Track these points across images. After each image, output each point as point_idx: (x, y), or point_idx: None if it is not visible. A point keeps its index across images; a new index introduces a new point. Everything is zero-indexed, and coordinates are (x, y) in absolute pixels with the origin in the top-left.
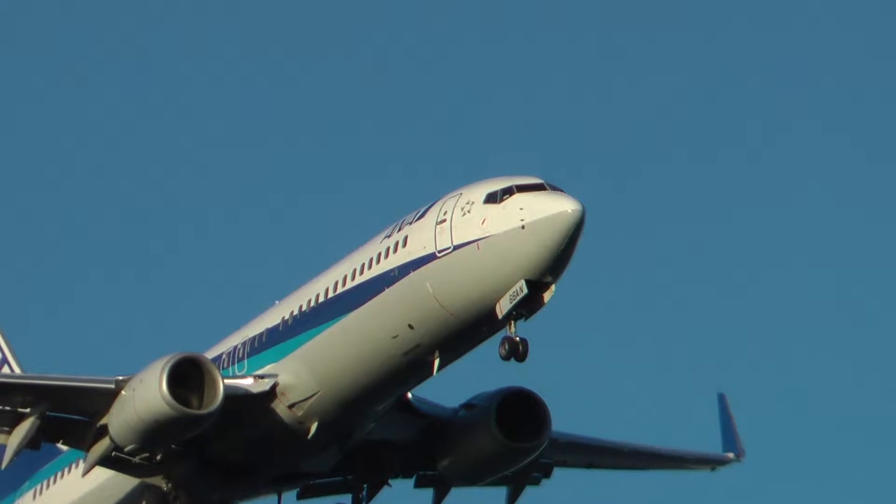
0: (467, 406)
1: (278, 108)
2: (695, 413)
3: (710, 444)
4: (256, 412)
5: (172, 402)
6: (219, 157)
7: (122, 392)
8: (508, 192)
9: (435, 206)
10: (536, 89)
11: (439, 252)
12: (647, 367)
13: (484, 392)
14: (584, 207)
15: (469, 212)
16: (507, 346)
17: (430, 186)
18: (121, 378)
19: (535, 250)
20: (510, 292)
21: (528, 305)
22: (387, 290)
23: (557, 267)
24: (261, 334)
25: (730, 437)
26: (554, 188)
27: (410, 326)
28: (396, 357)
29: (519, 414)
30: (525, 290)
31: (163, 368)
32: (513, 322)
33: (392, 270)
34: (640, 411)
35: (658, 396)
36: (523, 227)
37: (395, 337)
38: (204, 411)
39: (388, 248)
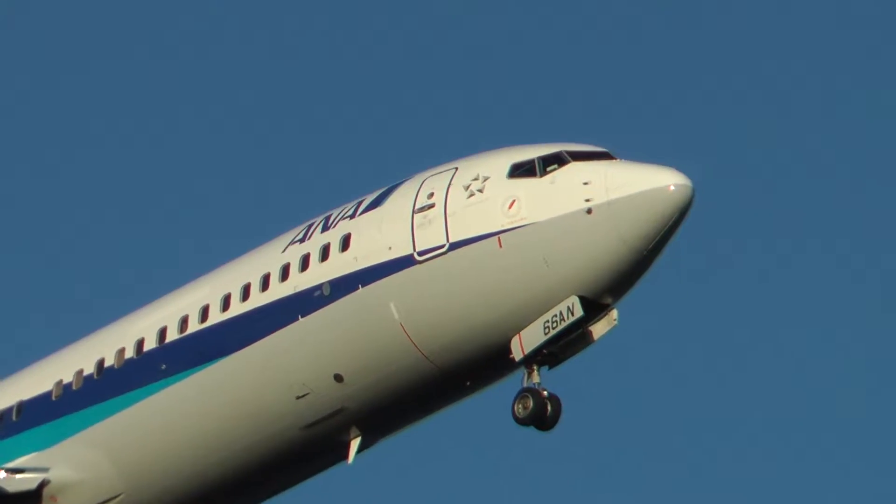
0: None
1: None
2: None
3: None
4: None
5: None
6: None
7: None
8: (557, 159)
9: (403, 188)
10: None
11: (420, 254)
12: None
13: None
14: (692, 183)
15: (481, 191)
16: (530, 406)
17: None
18: None
19: (607, 248)
20: (548, 317)
21: (567, 342)
22: (301, 319)
23: (634, 276)
24: (21, 403)
25: None
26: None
27: (337, 378)
28: (290, 432)
29: None
30: (579, 313)
31: None
32: (535, 368)
33: (315, 289)
34: None
35: None
36: (590, 210)
37: (301, 397)
38: None
39: (304, 257)
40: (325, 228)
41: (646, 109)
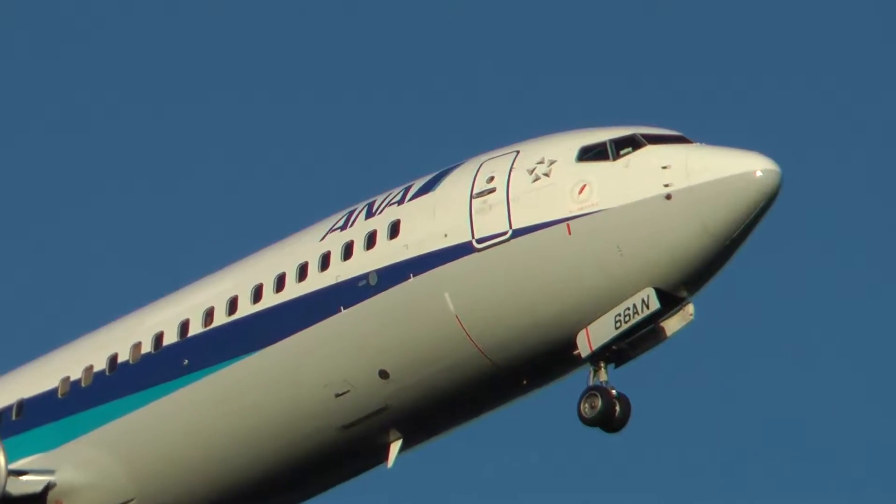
0: None
1: None
2: None
3: None
4: None
5: None
6: None
7: None
8: (631, 142)
9: (458, 172)
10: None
11: (480, 241)
12: None
13: None
14: (780, 169)
15: (547, 175)
16: (598, 405)
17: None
18: None
19: (687, 236)
20: (620, 310)
21: (638, 338)
22: (344, 311)
23: (714, 268)
24: (21, 401)
25: None
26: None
27: (383, 374)
28: (326, 433)
29: None
30: (655, 305)
31: None
32: (602, 366)
33: (360, 278)
34: None
35: None
36: (669, 196)
37: (340, 394)
38: None
39: (347, 244)
40: (370, 215)
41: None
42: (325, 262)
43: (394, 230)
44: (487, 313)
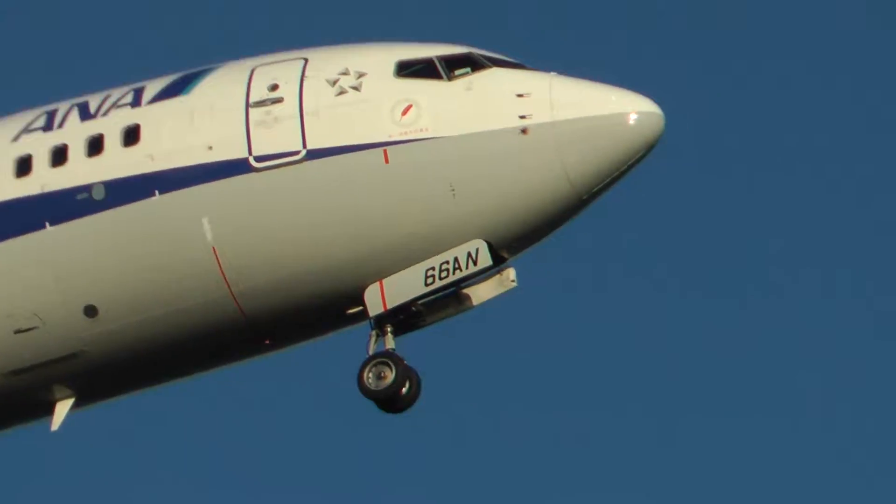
0: None
1: None
2: None
3: None
4: None
5: None
6: None
7: None
8: (468, 61)
9: (217, 76)
10: None
11: (260, 160)
12: None
13: None
14: (663, 113)
15: (356, 89)
16: (389, 377)
17: None
18: None
19: (544, 180)
20: (436, 262)
21: (438, 302)
22: (50, 228)
23: (559, 224)
24: None
25: None
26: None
27: (89, 311)
28: None
29: None
30: (486, 262)
31: None
32: (389, 330)
33: (78, 190)
34: None
35: None
36: (525, 130)
37: (23, 331)
38: None
39: (58, 148)
40: (89, 117)
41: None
42: (23, 166)
43: (130, 136)
44: (255, 249)
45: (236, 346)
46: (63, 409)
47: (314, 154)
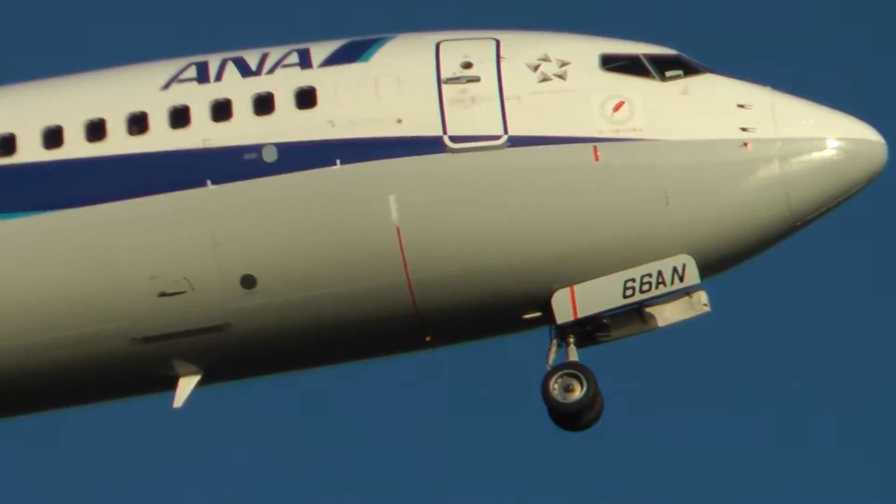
0: None
1: None
2: None
3: None
4: None
5: None
6: None
7: None
8: (677, 63)
9: (396, 45)
10: None
11: (456, 140)
12: None
13: None
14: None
15: (562, 77)
16: (578, 391)
17: None
18: None
19: (762, 200)
20: (637, 274)
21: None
22: (211, 186)
23: (762, 249)
24: None
25: None
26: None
27: (247, 282)
28: (114, 339)
29: None
30: (693, 280)
31: None
32: (572, 342)
33: (248, 149)
34: None
35: None
36: (746, 144)
37: (167, 294)
38: None
39: (221, 102)
40: (250, 73)
41: None
42: (180, 117)
43: (305, 99)
44: (441, 235)
45: (394, 340)
46: (188, 385)
47: (516, 141)
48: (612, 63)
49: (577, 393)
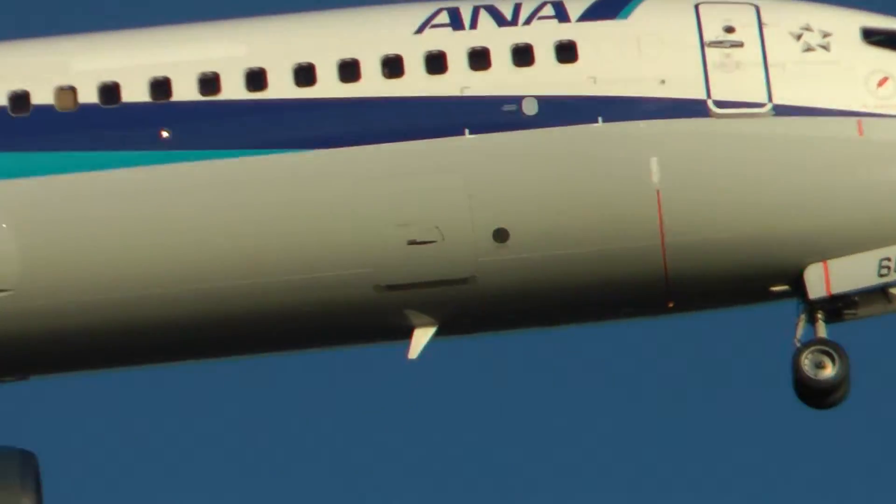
0: None
1: None
2: None
3: None
4: None
5: None
6: None
7: None
8: None
9: (652, 3)
10: None
11: (720, 105)
12: None
13: None
14: None
15: (825, 48)
16: (831, 368)
17: None
18: None
19: None
20: (892, 253)
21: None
22: (471, 136)
23: None
24: None
25: None
26: None
27: (500, 235)
28: (357, 289)
29: None
30: None
31: None
32: (821, 318)
33: (507, 101)
34: None
35: None
36: None
37: (417, 242)
38: None
39: (479, 50)
40: (506, 23)
41: None
42: (436, 63)
43: (566, 53)
44: (701, 201)
45: (636, 304)
46: (423, 336)
47: (781, 110)
48: (872, 37)
49: (829, 371)
